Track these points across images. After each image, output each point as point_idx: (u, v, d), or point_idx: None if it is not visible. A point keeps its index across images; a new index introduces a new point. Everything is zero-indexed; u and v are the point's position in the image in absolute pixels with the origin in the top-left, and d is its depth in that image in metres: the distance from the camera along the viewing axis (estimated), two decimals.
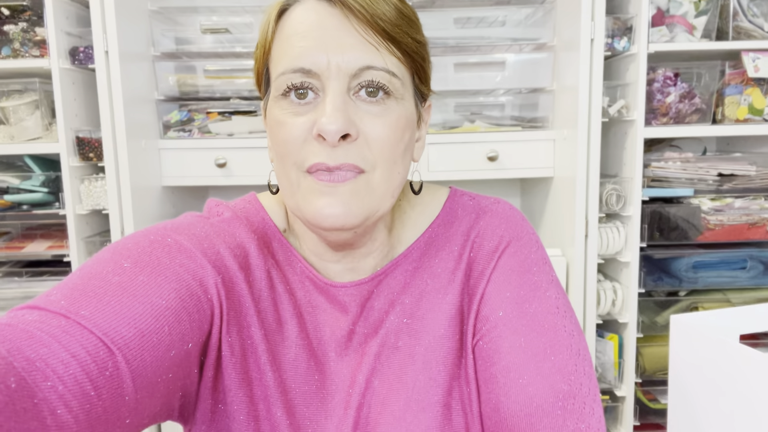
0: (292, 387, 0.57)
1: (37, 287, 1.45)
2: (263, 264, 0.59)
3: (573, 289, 1.45)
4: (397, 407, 0.57)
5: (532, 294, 0.58)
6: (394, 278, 0.61)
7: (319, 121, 0.50)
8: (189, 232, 0.56)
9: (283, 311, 0.59)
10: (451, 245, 0.62)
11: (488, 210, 0.64)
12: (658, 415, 1.55)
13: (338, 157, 0.51)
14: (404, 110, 0.54)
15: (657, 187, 1.47)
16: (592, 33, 1.35)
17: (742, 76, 1.45)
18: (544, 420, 0.52)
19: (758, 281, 1.49)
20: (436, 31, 1.48)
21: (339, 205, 0.51)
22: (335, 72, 0.51)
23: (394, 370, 0.59)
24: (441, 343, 0.59)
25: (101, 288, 0.46)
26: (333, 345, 0.59)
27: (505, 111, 1.56)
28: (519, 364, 0.55)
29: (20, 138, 1.45)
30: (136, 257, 0.50)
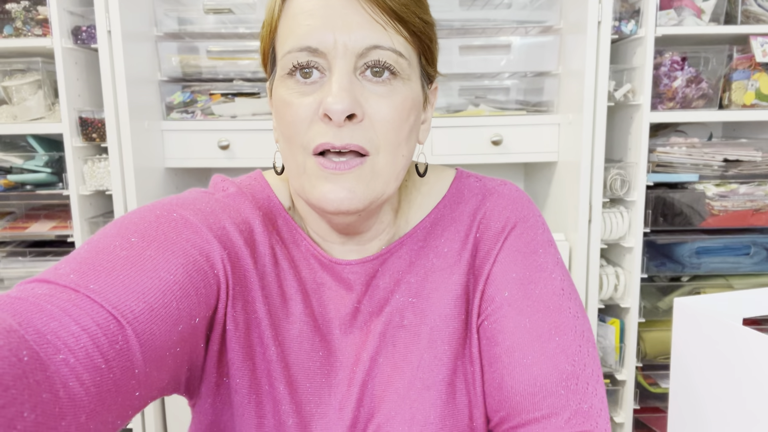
0: (295, 363, 0.58)
1: (41, 267, 1.46)
2: (268, 240, 0.59)
3: (576, 273, 1.45)
4: (401, 385, 0.58)
5: (537, 275, 0.59)
6: (399, 257, 0.61)
7: (325, 101, 0.50)
8: (194, 207, 0.55)
9: (288, 287, 0.59)
10: (457, 225, 0.62)
11: (495, 191, 0.64)
12: (658, 398, 1.56)
13: (344, 137, 0.50)
14: (410, 91, 0.54)
15: (662, 173, 1.47)
16: (599, 15, 1.34)
17: (749, 60, 1.43)
18: (547, 399, 0.53)
19: (761, 267, 1.49)
20: (441, 13, 1.47)
21: (344, 190, 0.51)
22: (342, 51, 0.50)
23: (398, 348, 0.59)
24: (446, 323, 0.59)
25: (109, 262, 0.46)
26: (337, 322, 0.60)
27: (510, 95, 1.55)
28: (523, 344, 0.55)
29: (23, 118, 1.44)
30: (142, 232, 0.50)
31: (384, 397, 0.58)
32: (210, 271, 0.52)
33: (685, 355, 0.68)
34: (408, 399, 0.57)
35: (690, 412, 0.68)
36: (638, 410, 1.53)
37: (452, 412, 0.58)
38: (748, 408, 0.60)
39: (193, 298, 0.49)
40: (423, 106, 0.58)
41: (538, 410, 0.53)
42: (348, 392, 0.58)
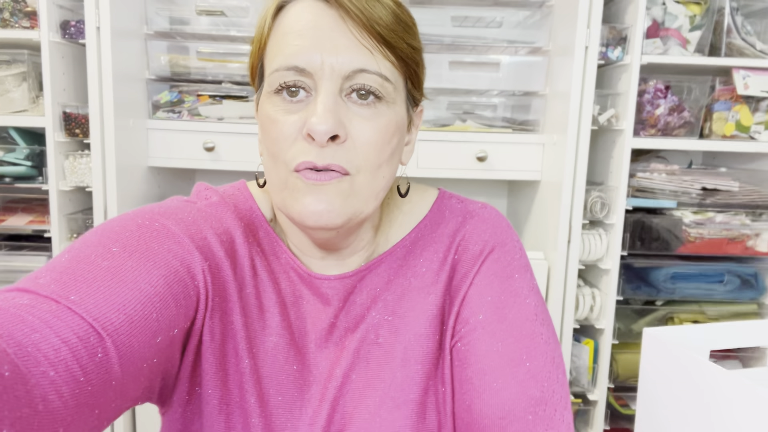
0: (268, 375, 0.58)
1: (16, 261, 1.44)
2: (248, 251, 0.59)
3: (553, 293, 1.46)
4: (372, 402, 0.58)
5: (512, 300, 0.59)
6: (377, 275, 0.62)
7: (309, 121, 0.50)
8: (176, 216, 0.55)
9: (266, 300, 0.59)
10: (436, 246, 0.63)
11: (475, 214, 0.65)
12: (629, 420, 1.57)
13: (326, 158, 0.51)
14: (394, 115, 0.54)
15: (641, 197, 1.49)
16: (587, 40, 1.36)
17: (731, 92, 1.46)
18: (514, 424, 0.53)
19: (734, 295, 1.51)
20: (432, 28, 1.48)
21: (322, 203, 0.52)
22: (328, 72, 0.51)
23: (372, 365, 0.59)
24: (420, 342, 0.60)
25: (90, 272, 0.46)
26: (313, 336, 0.60)
27: (497, 112, 1.57)
28: (494, 368, 0.56)
29: (6, 110, 1.42)
30: (124, 242, 0.50)
31: (354, 414, 0.58)
32: (191, 282, 0.52)
33: (653, 384, 0.69)
34: (378, 417, 0.57)
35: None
36: (608, 431, 1.55)
37: (421, 430, 0.58)
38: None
39: (173, 309, 0.49)
40: (407, 129, 0.59)
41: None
42: (319, 408, 0.58)
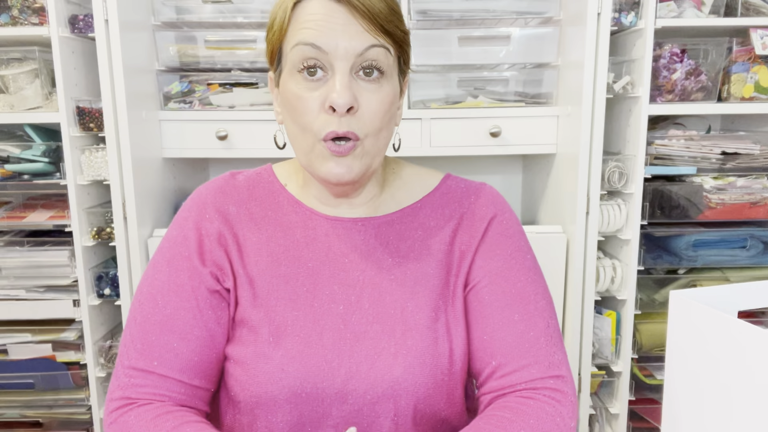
0: (281, 297, 0.71)
1: (39, 257, 1.46)
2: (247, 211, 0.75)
3: (572, 266, 1.46)
4: (385, 326, 0.70)
5: (517, 254, 0.75)
6: (391, 226, 0.75)
7: (331, 96, 0.64)
8: (186, 244, 0.72)
9: (282, 242, 0.74)
10: (443, 209, 0.77)
11: (478, 189, 0.79)
12: (653, 390, 1.57)
13: (344, 126, 0.65)
14: (392, 87, 0.68)
15: (660, 165, 1.47)
16: (599, 7, 1.33)
17: (749, 53, 1.43)
18: (531, 350, 0.69)
19: (758, 260, 1.49)
20: (440, 3, 1.46)
21: (343, 167, 0.67)
22: (342, 53, 0.64)
23: (384, 296, 0.71)
24: (427, 279, 0.72)
25: (156, 335, 0.69)
26: (328, 265, 0.72)
27: (509, 86, 1.55)
28: (511, 305, 0.71)
29: (20, 107, 1.44)
30: (167, 290, 0.70)
31: (368, 331, 0.69)
32: (223, 289, 0.72)
33: (680, 347, 0.68)
34: (393, 338, 0.69)
35: (684, 403, 0.68)
36: (633, 401, 1.54)
37: (434, 353, 0.69)
38: (742, 401, 0.61)
39: (216, 323, 0.71)
40: (399, 96, 0.72)
41: (524, 359, 0.69)
42: (332, 325, 0.70)
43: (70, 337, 1.49)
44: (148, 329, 0.68)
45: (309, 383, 0.66)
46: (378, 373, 0.67)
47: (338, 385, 0.66)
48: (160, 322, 0.68)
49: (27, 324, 1.50)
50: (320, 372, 0.66)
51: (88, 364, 1.49)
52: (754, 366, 0.59)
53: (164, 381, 0.67)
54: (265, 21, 1.47)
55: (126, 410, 0.66)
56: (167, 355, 0.67)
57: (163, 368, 0.67)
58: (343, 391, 0.66)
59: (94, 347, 1.50)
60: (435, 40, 1.49)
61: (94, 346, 1.49)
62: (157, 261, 0.72)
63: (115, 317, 1.60)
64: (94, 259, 1.51)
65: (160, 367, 0.67)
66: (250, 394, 0.67)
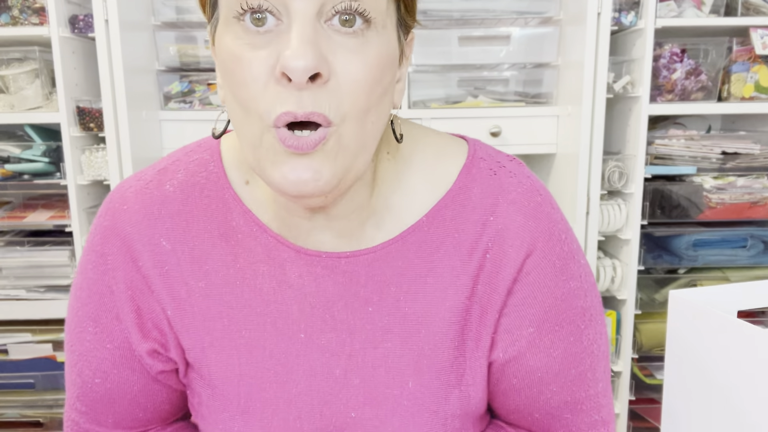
0: (254, 366, 0.54)
1: (39, 257, 1.46)
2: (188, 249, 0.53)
3: None
4: (383, 411, 0.52)
5: (563, 306, 0.53)
6: (388, 264, 0.52)
7: (283, 55, 0.40)
8: (115, 303, 0.53)
9: (242, 290, 0.53)
10: (460, 236, 0.52)
11: (509, 197, 0.53)
12: (654, 390, 1.57)
13: (306, 104, 0.40)
14: (386, 45, 0.43)
15: (660, 165, 1.47)
16: (599, 7, 1.33)
17: (749, 53, 1.43)
18: (560, 420, 0.56)
19: (758, 260, 1.49)
20: (440, 3, 1.46)
21: (308, 171, 0.42)
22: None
23: (379, 372, 0.52)
24: (437, 352, 0.52)
25: (98, 402, 0.56)
26: (303, 325, 0.52)
27: (509, 86, 1.55)
28: (546, 380, 0.54)
29: (20, 107, 1.44)
30: (102, 360, 0.55)
31: (358, 419, 0.52)
32: (166, 368, 0.56)
33: (680, 347, 0.68)
34: (390, 426, 0.52)
35: (684, 403, 0.68)
36: (633, 401, 1.54)
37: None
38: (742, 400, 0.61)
39: (171, 391, 0.58)
40: (399, 61, 0.47)
41: (560, 426, 0.56)
42: (308, 408, 0.53)
43: None
44: (93, 397, 0.56)
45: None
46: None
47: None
48: (104, 394, 0.55)
49: (27, 324, 1.50)
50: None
51: None
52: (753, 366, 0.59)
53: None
54: None
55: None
56: (124, 421, 0.57)
57: (121, 429, 0.58)
58: None
59: None
60: (435, 40, 1.49)
61: None
62: (81, 309, 0.54)
63: None
64: None
65: (118, 428, 0.58)
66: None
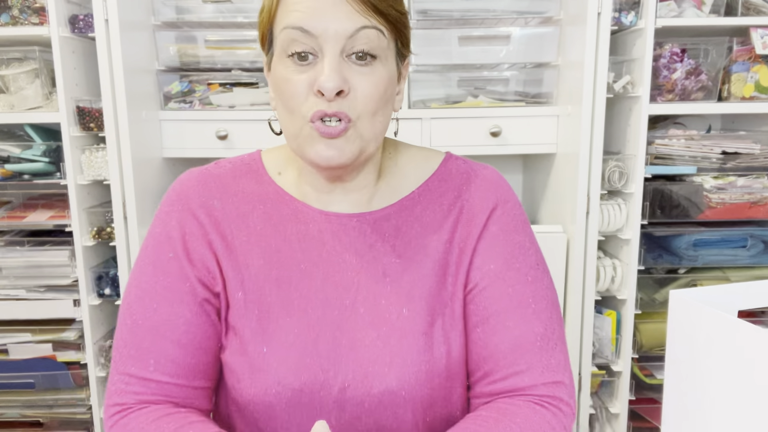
0: (277, 303, 0.69)
1: (39, 257, 1.46)
2: (239, 209, 0.71)
3: (573, 265, 1.45)
4: (381, 332, 0.67)
5: (517, 251, 0.70)
6: (388, 222, 0.71)
7: (319, 79, 0.60)
8: (171, 243, 0.69)
9: (275, 239, 0.70)
10: (441, 200, 0.72)
11: (479, 174, 0.75)
12: (654, 390, 1.57)
13: (333, 106, 0.61)
14: (387, 70, 0.64)
15: (660, 165, 1.47)
16: (599, 6, 1.33)
17: (749, 52, 1.43)
18: (525, 356, 0.67)
19: (758, 260, 1.49)
20: (440, 3, 1.46)
21: (334, 149, 0.63)
22: (332, 35, 0.60)
23: (380, 301, 0.68)
24: (424, 282, 0.69)
25: (146, 340, 0.66)
26: (323, 268, 0.69)
27: (509, 86, 1.55)
28: (507, 310, 0.68)
29: (20, 107, 1.44)
30: (155, 293, 0.67)
31: (364, 339, 0.67)
32: (212, 297, 0.69)
33: (680, 347, 0.68)
34: (388, 346, 0.66)
35: (684, 403, 0.68)
36: (634, 401, 1.54)
37: (430, 359, 0.67)
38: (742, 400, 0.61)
39: (209, 324, 0.68)
40: (398, 80, 0.68)
41: (518, 365, 0.67)
42: (326, 331, 0.67)
43: (71, 337, 1.49)
44: (140, 335, 0.66)
45: (305, 394, 0.65)
46: (373, 383, 0.65)
47: (335, 395, 0.65)
48: (151, 328, 0.66)
49: (27, 324, 1.50)
50: (317, 382, 0.65)
51: (88, 363, 1.49)
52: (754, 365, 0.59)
53: (162, 386, 0.66)
54: None
55: (125, 414, 0.65)
56: (162, 361, 0.66)
57: (160, 374, 0.66)
58: (340, 400, 0.65)
59: (95, 347, 1.50)
60: (435, 40, 1.49)
61: (94, 345, 1.49)
62: (143, 261, 0.69)
63: (115, 317, 1.60)
64: (95, 259, 1.51)
65: (157, 373, 0.66)
66: (248, 401, 0.67)
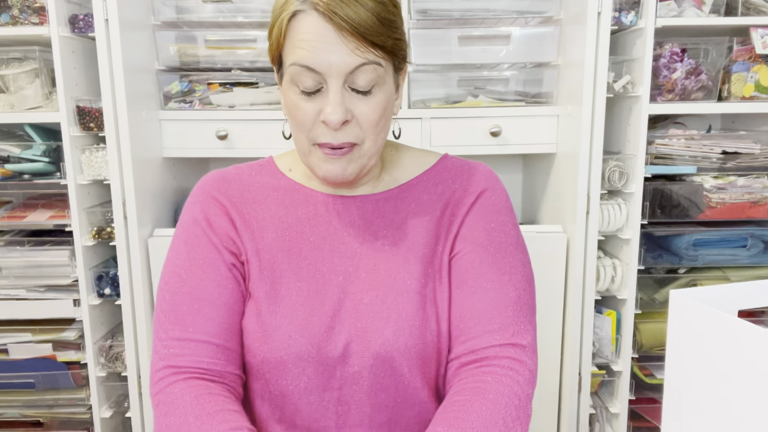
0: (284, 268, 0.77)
1: (39, 257, 1.46)
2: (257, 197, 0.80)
3: (573, 265, 1.45)
4: (379, 293, 0.75)
5: (499, 228, 0.79)
6: (388, 203, 0.80)
7: (325, 111, 0.68)
8: (198, 224, 0.78)
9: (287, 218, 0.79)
10: (437, 186, 0.82)
11: (472, 167, 0.84)
12: (654, 390, 1.57)
13: (339, 137, 0.70)
14: (385, 93, 0.71)
15: (660, 165, 1.47)
16: (599, 6, 1.33)
17: (749, 52, 1.43)
18: (497, 317, 0.74)
19: (758, 259, 1.49)
20: (440, 3, 1.46)
21: (339, 168, 0.72)
22: (335, 72, 0.67)
23: (378, 265, 0.77)
24: (418, 247, 0.78)
25: (189, 306, 0.74)
26: (328, 239, 0.78)
27: (509, 86, 1.55)
28: (485, 273, 0.76)
29: (20, 107, 1.44)
30: (189, 265, 0.76)
31: (364, 298, 0.75)
32: (238, 263, 0.78)
33: (680, 347, 0.68)
34: (385, 303, 0.74)
35: (684, 403, 0.68)
36: (634, 401, 1.54)
37: (423, 316, 0.74)
38: (742, 400, 0.61)
39: (237, 284, 0.77)
40: (395, 90, 0.75)
41: (489, 325, 0.73)
42: (331, 294, 0.75)
43: (71, 337, 1.50)
44: (177, 301, 0.74)
45: (314, 348, 0.73)
46: (372, 336, 0.73)
47: (340, 349, 0.73)
48: (188, 293, 0.74)
49: (27, 324, 1.50)
50: (323, 338, 0.73)
51: (88, 363, 1.49)
52: (753, 365, 0.59)
53: (201, 347, 0.73)
54: (265, 20, 1.47)
55: (171, 381, 0.71)
56: (200, 320, 0.73)
57: (198, 333, 0.73)
58: (345, 354, 0.73)
59: (95, 347, 1.50)
60: (435, 40, 1.49)
61: (94, 345, 1.49)
62: (174, 244, 0.79)
63: (115, 317, 1.60)
64: (95, 259, 1.51)
65: (196, 333, 0.73)
66: (261, 359, 0.74)
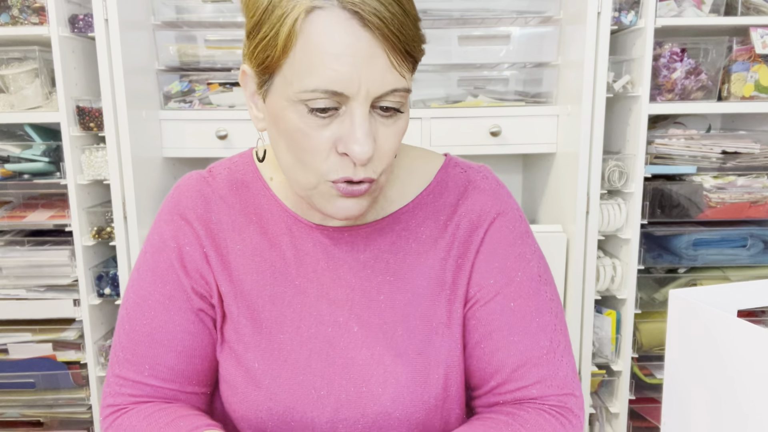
0: (268, 317, 0.67)
1: (39, 257, 1.46)
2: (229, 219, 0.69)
3: (572, 265, 1.45)
4: (375, 352, 0.65)
5: (517, 264, 0.67)
6: (381, 236, 0.68)
7: (351, 147, 0.54)
8: (168, 252, 0.68)
9: (269, 254, 0.68)
10: (437, 215, 0.68)
11: (477, 186, 0.70)
12: (654, 389, 1.57)
13: (359, 173, 0.57)
14: (406, 114, 0.59)
15: (660, 164, 1.47)
16: (599, 6, 1.33)
17: (749, 52, 1.43)
18: (531, 370, 0.65)
19: (758, 259, 1.49)
20: (440, 2, 1.46)
21: (356, 206, 0.59)
22: (364, 95, 0.53)
23: (373, 320, 0.66)
24: (420, 301, 0.66)
25: (141, 344, 0.66)
26: (317, 285, 0.67)
27: (509, 86, 1.55)
28: (510, 325, 0.66)
29: (20, 107, 1.44)
30: (153, 300, 0.67)
31: (357, 358, 0.65)
32: (208, 306, 0.68)
33: (680, 346, 0.68)
34: (382, 364, 0.65)
35: (684, 402, 0.69)
36: (633, 401, 1.54)
37: (424, 380, 0.65)
38: (741, 400, 0.61)
39: (205, 331, 0.68)
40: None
41: (527, 379, 0.65)
42: (320, 349, 0.66)
43: (71, 337, 1.50)
44: (136, 339, 0.67)
45: (298, 412, 0.64)
46: (367, 403, 0.64)
47: (328, 414, 0.64)
48: (148, 334, 0.66)
49: (27, 323, 1.50)
50: (309, 401, 0.64)
51: (88, 363, 1.49)
52: (753, 365, 0.59)
53: (156, 390, 0.67)
54: None
55: (119, 415, 0.66)
56: (158, 367, 0.66)
57: (155, 379, 0.66)
58: (333, 420, 0.64)
59: (95, 347, 1.50)
60: (435, 39, 1.49)
61: (94, 345, 1.49)
62: (142, 267, 0.69)
63: (115, 317, 1.60)
64: (95, 259, 1.51)
65: (152, 378, 0.66)
66: (240, 416, 0.66)
